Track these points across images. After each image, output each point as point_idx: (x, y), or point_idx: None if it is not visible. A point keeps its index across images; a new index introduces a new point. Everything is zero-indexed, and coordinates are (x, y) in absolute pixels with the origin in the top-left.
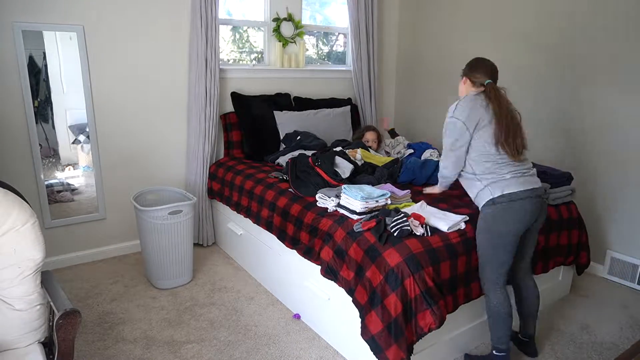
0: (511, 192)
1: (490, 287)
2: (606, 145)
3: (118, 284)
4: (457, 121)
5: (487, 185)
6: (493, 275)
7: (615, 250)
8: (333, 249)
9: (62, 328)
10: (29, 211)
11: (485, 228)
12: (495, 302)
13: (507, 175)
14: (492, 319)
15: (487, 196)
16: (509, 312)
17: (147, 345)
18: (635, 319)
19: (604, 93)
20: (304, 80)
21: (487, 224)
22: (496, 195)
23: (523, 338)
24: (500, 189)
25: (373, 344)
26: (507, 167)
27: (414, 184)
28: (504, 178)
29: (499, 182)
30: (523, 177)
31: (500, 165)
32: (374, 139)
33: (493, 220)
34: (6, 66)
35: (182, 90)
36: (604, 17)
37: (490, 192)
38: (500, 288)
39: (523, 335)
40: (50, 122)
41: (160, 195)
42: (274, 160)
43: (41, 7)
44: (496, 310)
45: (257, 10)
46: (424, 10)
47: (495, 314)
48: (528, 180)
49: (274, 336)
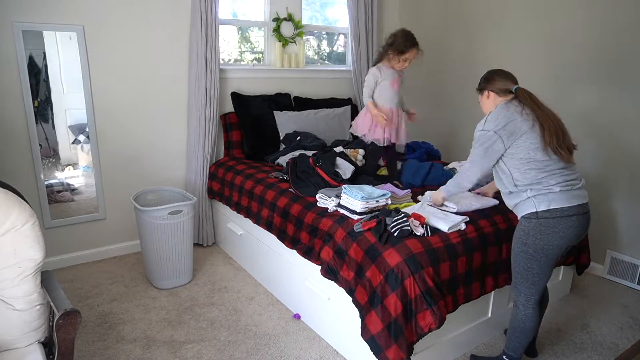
0: (558, 207)
1: (522, 301)
2: (606, 145)
3: (118, 284)
4: (487, 132)
5: (531, 197)
6: (527, 289)
7: (615, 250)
8: (333, 249)
9: (62, 328)
10: (29, 211)
11: (523, 241)
12: (523, 316)
13: (556, 188)
14: (514, 330)
15: (531, 208)
16: (533, 328)
17: (147, 345)
18: (635, 319)
19: (603, 93)
20: (304, 80)
21: (526, 237)
22: (541, 209)
23: None
24: (546, 203)
25: (373, 344)
26: (555, 177)
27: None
28: (551, 191)
29: (547, 195)
30: (573, 191)
31: (547, 175)
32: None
33: (534, 234)
34: (6, 66)
35: (182, 90)
36: (609, 16)
37: (535, 205)
38: (533, 304)
39: None
40: (50, 122)
41: (160, 195)
42: (274, 161)
43: (41, 7)
44: (521, 324)
45: (257, 10)
46: (424, 10)
47: (519, 327)
48: (577, 195)
49: (274, 336)
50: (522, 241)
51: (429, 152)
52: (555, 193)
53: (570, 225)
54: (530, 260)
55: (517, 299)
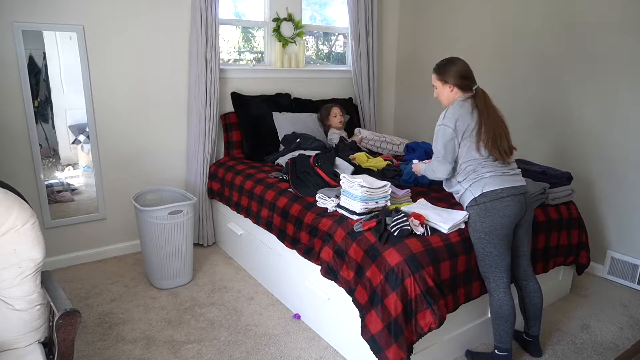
0: (490, 190)
1: (493, 287)
2: (606, 145)
3: (118, 284)
4: (447, 127)
5: (468, 188)
6: (492, 274)
7: (615, 250)
8: (333, 249)
9: (62, 328)
10: (29, 211)
11: (473, 228)
12: (497, 302)
13: (487, 174)
14: (494, 319)
15: (469, 196)
16: (511, 312)
17: (147, 345)
18: (635, 319)
19: (604, 92)
20: (304, 81)
21: (474, 223)
22: (477, 195)
23: (527, 338)
24: (480, 188)
25: (373, 343)
26: (487, 167)
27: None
28: (483, 177)
29: (479, 181)
30: (504, 176)
31: (480, 166)
32: (341, 113)
33: (479, 219)
34: (6, 66)
35: (182, 90)
36: (604, 16)
37: (472, 193)
38: (503, 288)
39: (527, 335)
40: (50, 122)
41: (160, 195)
42: (274, 161)
43: (41, 7)
44: (498, 310)
45: (257, 10)
46: (424, 10)
47: (497, 314)
48: (508, 179)
49: (274, 336)
50: (473, 228)
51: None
52: (486, 178)
53: (507, 205)
54: (486, 244)
55: (488, 286)
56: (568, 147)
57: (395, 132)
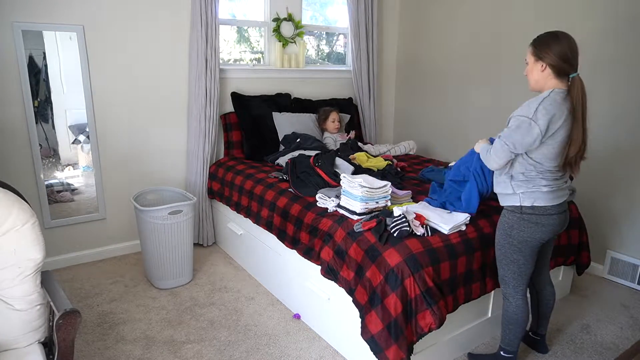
0: (541, 206)
1: (511, 292)
2: (606, 145)
3: (118, 284)
4: (536, 127)
5: (519, 193)
6: (514, 280)
7: (615, 250)
8: (333, 249)
9: (62, 328)
10: (29, 211)
11: (508, 233)
12: (514, 308)
13: (544, 188)
14: (506, 323)
15: (515, 202)
16: (525, 318)
17: (147, 345)
18: (635, 319)
19: (603, 91)
20: (304, 81)
21: (510, 229)
22: (525, 205)
23: (534, 336)
24: (531, 200)
25: (373, 343)
26: (547, 178)
27: None
28: (539, 190)
29: (534, 193)
30: (558, 191)
31: (539, 175)
32: (339, 119)
33: (518, 227)
34: (6, 66)
35: (182, 90)
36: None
37: (520, 200)
38: (522, 295)
39: (535, 333)
40: (50, 122)
41: (160, 195)
42: (274, 161)
43: (41, 7)
44: (513, 316)
45: (257, 10)
46: (424, 10)
47: (511, 319)
48: (560, 195)
49: (274, 336)
50: (507, 233)
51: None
52: (542, 192)
53: (552, 222)
54: (516, 251)
55: (505, 291)
56: None
57: (395, 132)
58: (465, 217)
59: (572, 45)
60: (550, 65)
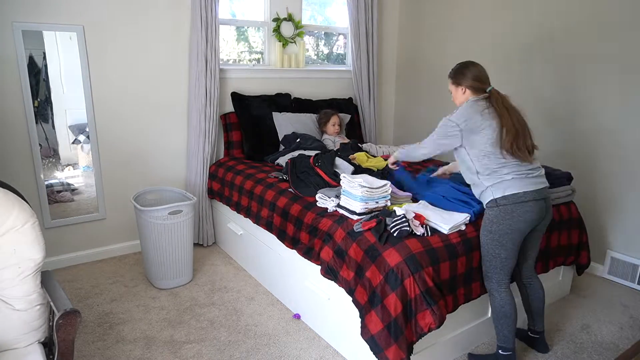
0: (512, 193)
1: (494, 287)
2: (606, 145)
3: (118, 284)
4: (453, 124)
5: (489, 186)
6: (497, 275)
7: (615, 250)
8: (333, 249)
9: (62, 328)
10: (29, 211)
11: (488, 229)
12: (499, 301)
13: (508, 176)
14: (496, 318)
15: (489, 197)
16: (514, 310)
17: (147, 345)
18: (635, 319)
19: (604, 93)
20: (304, 81)
21: (490, 224)
22: (498, 197)
23: (533, 335)
24: (501, 190)
25: (373, 343)
26: (509, 167)
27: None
28: (504, 179)
29: (501, 182)
30: (527, 179)
31: (501, 166)
32: (339, 123)
33: (496, 220)
34: (6, 66)
35: (182, 90)
36: (605, 16)
37: (492, 194)
38: (505, 288)
39: (532, 332)
40: (50, 122)
41: (160, 195)
42: (274, 161)
43: (41, 7)
44: (501, 310)
45: (257, 10)
46: (424, 10)
47: (499, 313)
48: (532, 182)
49: (274, 336)
50: (488, 229)
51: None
52: (508, 181)
53: (528, 210)
54: (498, 246)
55: (489, 286)
56: (568, 148)
57: (395, 132)
58: (464, 217)
59: (480, 69)
60: (468, 87)
